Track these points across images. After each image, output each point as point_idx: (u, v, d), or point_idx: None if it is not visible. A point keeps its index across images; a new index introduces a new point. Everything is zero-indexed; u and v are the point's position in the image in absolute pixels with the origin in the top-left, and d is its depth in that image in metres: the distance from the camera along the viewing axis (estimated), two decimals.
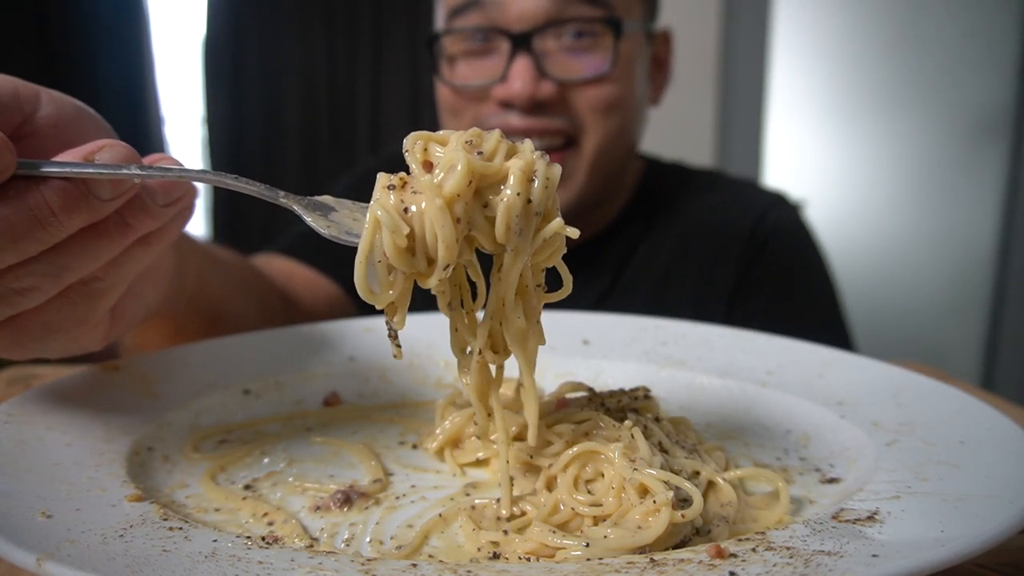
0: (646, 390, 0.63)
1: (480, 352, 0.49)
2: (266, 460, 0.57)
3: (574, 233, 0.46)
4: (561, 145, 1.03)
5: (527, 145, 0.46)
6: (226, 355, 0.68)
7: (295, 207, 0.48)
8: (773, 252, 1.13)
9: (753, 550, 0.39)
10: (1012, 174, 3.11)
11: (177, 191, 0.49)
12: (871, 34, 3.06)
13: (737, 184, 1.28)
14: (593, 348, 0.76)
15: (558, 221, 0.46)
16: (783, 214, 1.19)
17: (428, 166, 0.45)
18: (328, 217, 0.48)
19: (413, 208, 0.44)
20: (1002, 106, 3.11)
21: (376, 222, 0.44)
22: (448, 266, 0.44)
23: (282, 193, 0.48)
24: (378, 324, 0.76)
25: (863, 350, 0.71)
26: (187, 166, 0.48)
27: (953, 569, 0.36)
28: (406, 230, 0.43)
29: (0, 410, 0.52)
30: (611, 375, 0.72)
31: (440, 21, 1.10)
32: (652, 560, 0.38)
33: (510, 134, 0.76)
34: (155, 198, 0.47)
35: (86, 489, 0.45)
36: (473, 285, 0.50)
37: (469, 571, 0.37)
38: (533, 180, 0.44)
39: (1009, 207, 3.12)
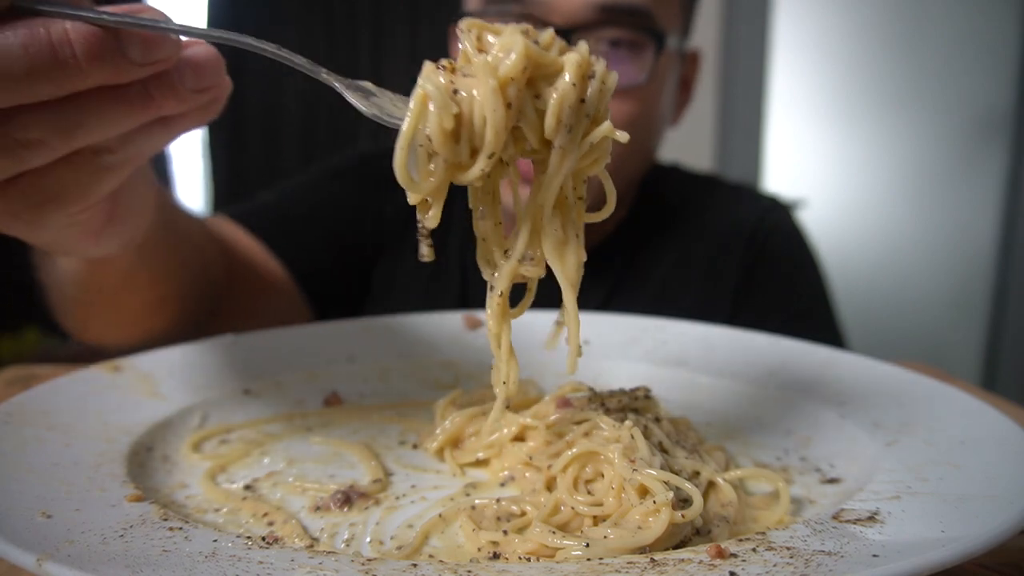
0: (646, 390, 0.63)
1: (502, 290, 0.47)
2: (266, 460, 0.57)
3: (623, 137, 0.44)
4: None
5: (582, 45, 0.44)
6: (226, 355, 0.68)
7: (335, 83, 0.46)
8: (772, 256, 1.13)
9: (753, 550, 0.39)
10: (1012, 174, 3.11)
11: (209, 79, 0.46)
12: (871, 34, 3.06)
13: (734, 189, 1.27)
14: (593, 348, 0.76)
15: (607, 124, 0.43)
16: (780, 217, 1.19)
17: (480, 53, 0.43)
18: (369, 100, 0.46)
19: (463, 93, 0.42)
20: (1002, 106, 3.11)
21: (423, 100, 0.41)
22: (493, 155, 0.42)
23: (324, 71, 0.47)
24: (378, 324, 0.76)
25: (864, 350, 0.71)
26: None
27: (953, 569, 0.36)
28: (455, 110, 0.41)
29: (0, 410, 0.52)
30: (611, 375, 0.72)
31: (473, 2, 1.02)
32: (652, 560, 0.38)
33: None
34: (185, 80, 0.45)
35: (86, 489, 0.45)
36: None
37: (469, 571, 0.37)
38: (589, 78, 0.43)
39: (1009, 207, 3.12)
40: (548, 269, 0.47)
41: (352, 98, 0.46)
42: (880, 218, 3.16)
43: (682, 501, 0.44)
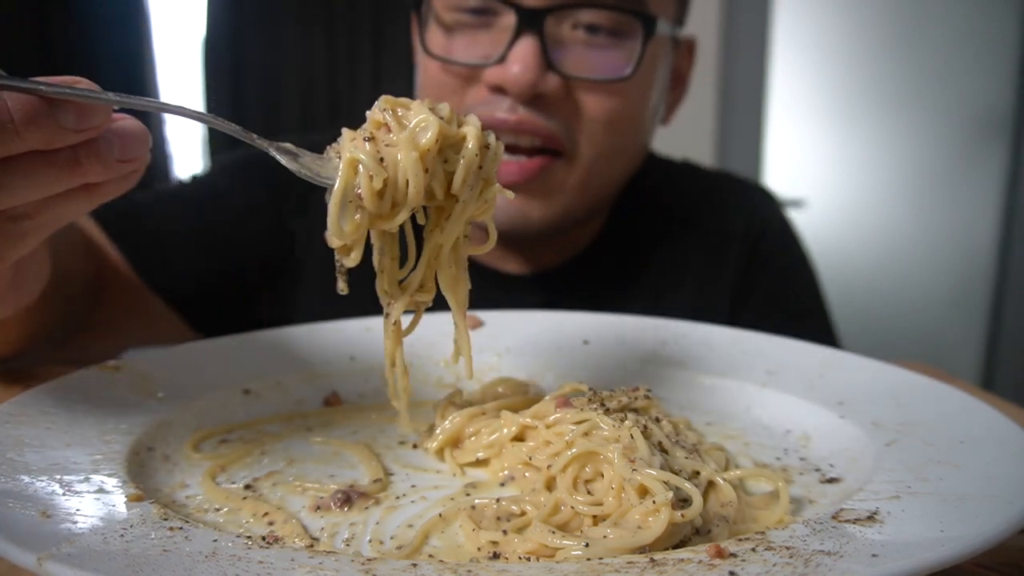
0: (646, 390, 0.63)
1: (397, 318, 0.56)
2: (266, 460, 0.57)
3: (510, 195, 0.54)
4: (539, 149, 0.86)
5: (471, 118, 0.53)
6: (226, 355, 0.69)
7: (267, 147, 0.52)
8: (766, 257, 1.09)
9: (753, 550, 0.39)
10: (1012, 174, 3.11)
11: (135, 150, 0.47)
12: (871, 34, 3.06)
13: (717, 179, 1.19)
14: (593, 348, 0.76)
15: (497, 185, 0.55)
16: (770, 215, 1.13)
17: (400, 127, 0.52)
18: (297, 160, 0.52)
19: (386, 160, 0.50)
20: (1002, 106, 3.11)
21: (354, 164, 0.50)
22: (412, 209, 0.51)
23: (255, 135, 0.51)
24: (377, 324, 0.76)
25: (863, 350, 0.71)
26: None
27: (953, 569, 0.36)
28: (385, 175, 0.50)
29: (0, 410, 0.52)
30: (611, 375, 0.72)
31: None
32: (652, 560, 0.38)
33: (496, 129, 0.74)
34: (112, 149, 0.46)
35: (86, 489, 0.45)
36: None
37: (469, 571, 0.37)
38: (485, 147, 0.53)
39: (1009, 207, 3.12)
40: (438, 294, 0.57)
41: (284, 160, 0.52)
42: (880, 218, 3.16)
43: (682, 501, 0.44)
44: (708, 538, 0.44)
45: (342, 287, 0.55)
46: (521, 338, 0.76)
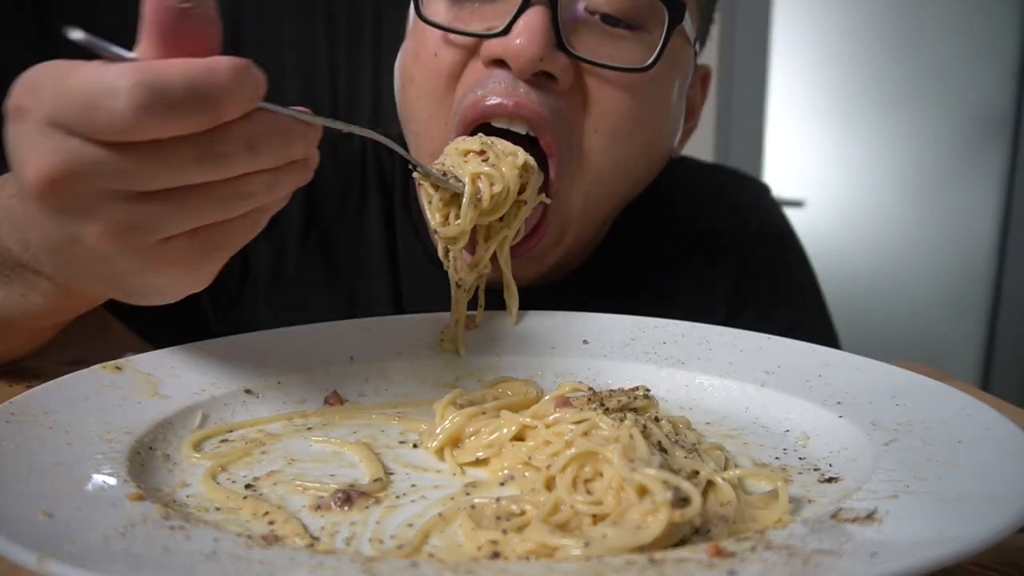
0: (646, 390, 0.63)
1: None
2: (267, 459, 0.57)
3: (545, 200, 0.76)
4: (528, 143, 0.75)
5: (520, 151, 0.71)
6: (227, 354, 0.69)
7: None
8: (763, 257, 1.06)
9: (752, 549, 0.39)
10: (1012, 174, 3.12)
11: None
12: (871, 34, 3.06)
13: (712, 175, 1.15)
14: (593, 348, 0.76)
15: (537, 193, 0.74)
16: (767, 217, 1.10)
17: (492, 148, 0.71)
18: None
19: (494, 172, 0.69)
20: (1002, 106, 3.11)
21: (475, 177, 0.68)
22: (506, 208, 0.71)
23: (420, 166, 0.67)
24: (378, 324, 0.76)
25: (862, 350, 0.71)
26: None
27: (952, 568, 0.36)
28: (502, 183, 0.68)
29: (1, 409, 0.52)
30: (611, 375, 0.72)
31: None
32: (651, 559, 0.39)
33: (488, 119, 0.76)
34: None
35: (87, 488, 0.46)
36: None
37: (469, 570, 0.38)
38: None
39: (1008, 207, 3.12)
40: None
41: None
42: (880, 218, 3.17)
43: (681, 500, 0.44)
44: (707, 537, 0.44)
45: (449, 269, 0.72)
46: (521, 338, 0.77)
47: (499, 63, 0.75)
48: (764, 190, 1.15)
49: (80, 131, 0.43)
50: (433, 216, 0.68)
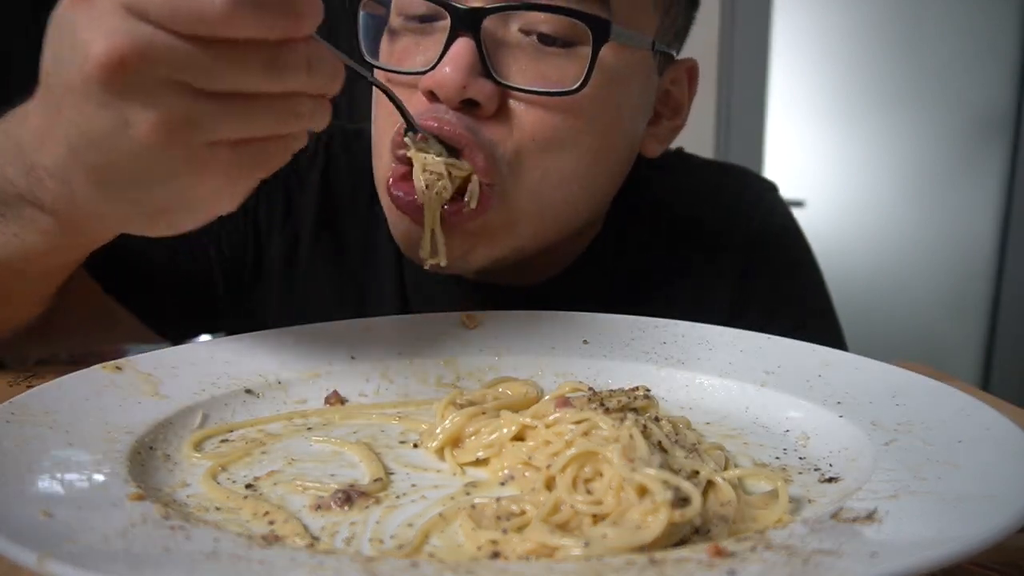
0: (646, 390, 0.63)
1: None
2: (267, 459, 0.57)
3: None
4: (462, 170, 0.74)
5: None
6: (228, 354, 0.69)
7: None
8: (767, 256, 1.05)
9: (752, 549, 0.39)
10: (1012, 174, 3.12)
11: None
12: (871, 34, 3.06)
13: (713, 171, 1.13)
14: (593, 348, 0.76)
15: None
16: (772, 208, 1.08)
17: None
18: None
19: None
20: (1002, 106, 3.11)
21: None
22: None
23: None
24: (379, 323, 0.76)
25: (863, 350, 0.71)
26: None
27: (952, 568, 0.36)
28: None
29: (1, 409, 0.52)
30: (611, 375, 0.72)
31: None
32: (651, 559, 0.39)
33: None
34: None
35: (87, 488, 0.46)
36: None
37: (469, 570, 0.38)
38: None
39: (1008, 207, 3.12)
40: None
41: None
42: (880, 218, 3.17)
43: (681, 500, 0.44)
44: (707, 537, 0.44)
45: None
46: (521, 338, 0.77)
47: (431, 94, 0.75)
48: (769, 189, 1.13)
49: (159, 19, 0.44)
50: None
